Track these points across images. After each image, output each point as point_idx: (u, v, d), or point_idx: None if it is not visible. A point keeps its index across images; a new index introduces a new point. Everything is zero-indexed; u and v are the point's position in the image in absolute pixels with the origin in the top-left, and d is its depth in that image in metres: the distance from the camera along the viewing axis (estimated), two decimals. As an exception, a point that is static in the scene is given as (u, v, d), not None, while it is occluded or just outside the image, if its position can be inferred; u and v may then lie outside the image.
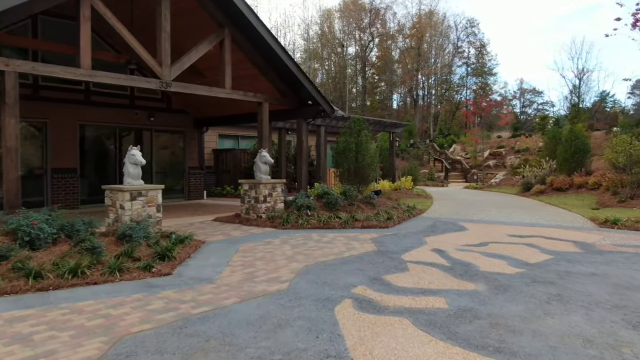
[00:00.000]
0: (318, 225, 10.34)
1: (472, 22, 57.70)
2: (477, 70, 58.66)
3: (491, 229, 10.58)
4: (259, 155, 11.31)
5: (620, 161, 15.88)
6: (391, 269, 6.65)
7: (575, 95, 40.94)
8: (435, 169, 33.33)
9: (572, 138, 20.21)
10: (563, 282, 6.05)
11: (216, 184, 19.97)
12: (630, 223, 11.17)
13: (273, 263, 6.96)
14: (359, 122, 13.33)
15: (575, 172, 19.79)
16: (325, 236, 9.37)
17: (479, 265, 7.01)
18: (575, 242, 9.10)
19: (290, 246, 8.30)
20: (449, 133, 43.11)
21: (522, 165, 26.48)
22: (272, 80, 13.46)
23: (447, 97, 59.44)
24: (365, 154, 13.06)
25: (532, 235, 9.76)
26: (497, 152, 33.53)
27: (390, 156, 21.42)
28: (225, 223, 11.02)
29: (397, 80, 59.75)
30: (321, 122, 17.60)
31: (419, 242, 8.84)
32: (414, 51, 56.06)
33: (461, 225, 11.05)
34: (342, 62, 60.21)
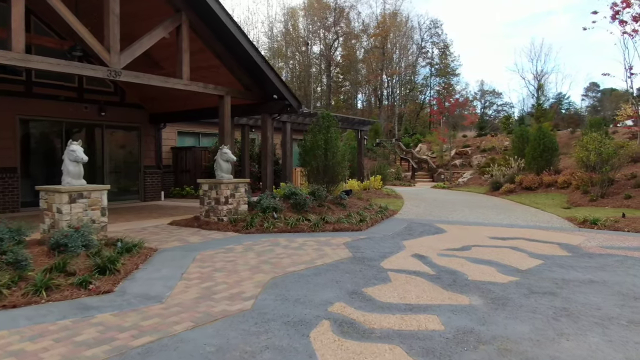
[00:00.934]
0: (285, 229, 9.45)
1: (435, 22, 58.00)
2: (440, 70, 59.06)
3: (470, 231, 9.94)
4: (220, 152, 10.33)
5: (592, 159, 15.64)
6: (371, 280, 5.83)
7: (542, 93, 41.51)
8: (401, 168, 32.91)
9: (541, 136, 20.01)
10: (564, 293, 5.38)
11: (175, 184, 18.75)
12: (609, 223, 10.77)
13: (235, 275, 6.03)
14: (327, 118, 12.51)
15: (544, 171, 19.59)
16: (294, 241, 8.49)
17: (467, 273, 6.29)
18: (559, 244, 8.54)
19: (255, 253, 7.38)
20: (414, 132, 42.91)
21: (489, 164, 26.31)
22: (234, 72, 12.47)
23: (412, 97, 59.58)
24: (335, 151, 12.24)
25: (514, 237, 9.16)
26: (463, 152, 33.41)
27: (358, 155, 20.71)
28: (183, 227, 9.98)
29: (361, 80, 59.49)
30: (287, 119, 16.69)
31: (397, 247, 8.07)
32: (378, 51, 55.83)
33: (438, 227, 10.37)
34: (306, 61, 59.40)
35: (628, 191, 15.41)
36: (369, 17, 63.02)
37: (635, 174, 16.54)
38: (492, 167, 22.88)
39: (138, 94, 15.82)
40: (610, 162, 15.69)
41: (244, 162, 17.22)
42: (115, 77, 9.53)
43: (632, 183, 15.95)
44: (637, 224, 10.61)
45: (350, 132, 29.26)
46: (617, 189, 15.95)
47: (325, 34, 59.46)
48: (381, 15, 57.10)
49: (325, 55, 59.26)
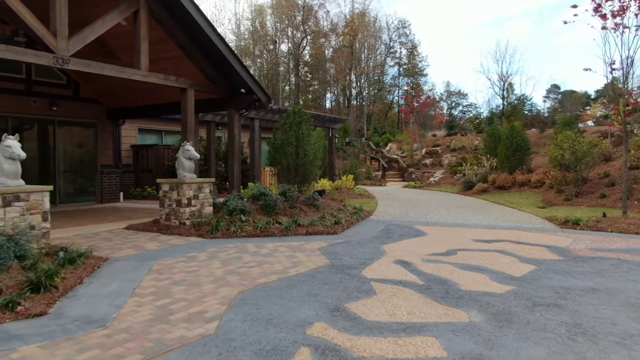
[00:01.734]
0: (254, 233, 8.64)
1: (403, 23, 58.01)
2: (409, 70, 59.17)
3: (452, 233, 9.37)
4: (182, 149, 9.44)
5: (567, 158, 15.42)
6: (354, 293, 5.11)
7: (512, 92, 41.87)
8: (372, 167, 32.45)
9: (513, 135, 19.79)
10: (569, 304, 4.80)
11: (136, 185, 17.62)
12: (591, 223, 10.40)
13: (197, 289, 5.20)
14: (299, 114, 11.75)
15: (517, 170, 19.38)
16: (264, 247, 7.70)
17: (459, 282, 5.65)
18: (548, 246, 8.04)
19: (220, 262, 6.56)
20: (384, 132, 42.60)
21: (461, 163, 26.09)
22: (199, 63, 11.57)
23: (380, 97, 59.48)
24: (307, 149, 11.50)
25: (499, 240, 8.63)
26: (433, 151, 33.21)
27: (329, 153, 20.03)
28: (140, 232, 9.04)
29: (330, 80, 58.99)
30: (255, 115, 15.87)
31: (378, 252, 7.39)
32: (346, 50, 55.44)
33: (418, 229, 9.76)
34: (274, 60, 58.47)
35: (602, 190, 15.26)
36: (337, 16, 62.79)
37: (607, 172, 16.42)
38: (464, 166, 22.62)
39: (93, 87, 14.68)
40: (584, 160, 15.51)
41: (210, 161, 16.29)
42: (62, 65, 8.52)
43: (606, 182, 15.81)
44: (619, 224, 10.28)
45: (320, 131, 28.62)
46: (590, 188, 15.79)
47: (293, 32, 58.73)
48: (350, 14, 56.76)
49: (294, 53, 58.56)
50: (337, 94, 61.78)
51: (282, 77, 58.54)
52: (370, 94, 58.38)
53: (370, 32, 57.46)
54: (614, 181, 15.49)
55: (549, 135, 26.02)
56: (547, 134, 26.51)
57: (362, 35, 55.95)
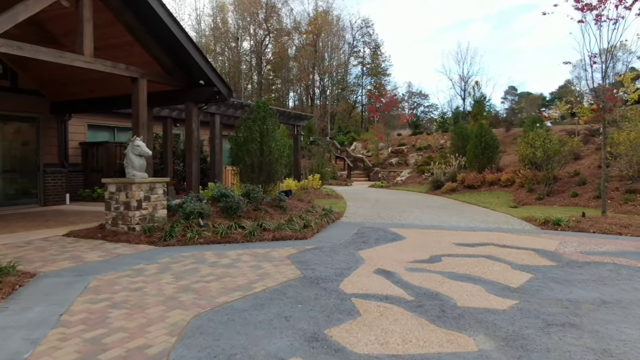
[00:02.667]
0: (214, 239, 7.65)
1: (367, 22, 57.76)
2: (372, 70, 59.01)
3: (431, 237, 8.65)
4: (131, 145, 8.34)
5: (539, 156, 15.06)
6: (334, 314, 4.25)
7: (479, 90, 42.07)
8: (337, 167, 31.75)
9: (482, 133, 19.43)
10: (586, 323, 4.10)
11: (85, 186, 16.20)
12: (572, 224, 9.93)
13: (141, 313, 4.22)
14: (264, 107, 10.81)
15: (486, 169, 19.02)
16: (225, 256, 6.74)
17: (452, 296, 4.88)
18: (535, 250, 7.43)
19: (172, 276, 5.56)
20: (349, 131, 42.01)
21: (428, 162, 25.70)
22: (152, 51, 10.47)
23: (344, 97, 59.04)
24: (272, 145, 10.57)
25: (482, 243, 7.96)
26: (399, 150, 32.80)
27: (295, 152, 19.12)
28: (82, 239, 7.90)
29: (293, 78, 58.09)
30: (216, 110, 14.81)
31: (355, 260, 6.56)
32: (310, 49, 54.68)
33: (394, 233, 9.00)
34: (236, 57, 57.09)
35: (573, 189, 15.00)
36: (300, 14, 61.91)
37: (577, 171, 16.21)
38: (431, 165, 22.17)
39: (33, 76, 13.28)
40: (555, 158, 15.21)
41: (167, 160, 15.12)
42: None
43: (576, 180, 15.57)
44: (600, 224, 9.85)
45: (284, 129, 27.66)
46: (561, 187, 15.52)
47: (256, 30, 57.54)
48: (313, 12, 56.02)
49: (256, 51, 57.38)
50: (300, 93, 60.98)
51: (245, 76, 57.25)
52: (333, 94, 57.85)
53: (333, 31, 56.96)
54: (584, 180, 15.26)
55: (514, 134, 25.98)
56: (513, 132, 26.47)
57: (325, 34, 55.39)
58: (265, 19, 56.75)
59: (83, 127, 16.66)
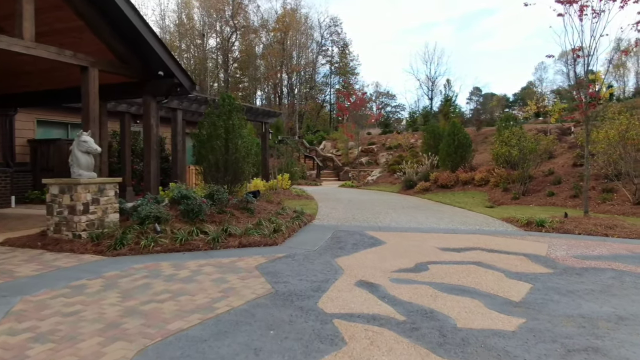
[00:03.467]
0: (172, 247, 6.77)
1: (335, 21, 57.31)
2: (340, 69, 58.59)
3: (412, 240, 7.98)
4: (77, 141, 7.36)
5: (515, 155, 14.68)
6: (313, 343, 3.48)
7: (450, 89, 42.11)
8: (306, 166, 30.99)
9: (455, 132, 19.01)
10: (610, 347, 3.48)
11: (34, 187, 14.90)
12: (556, 225, 9.47)
13: (70, 348, 3.33)
14: (229, 101, 9.94)
15: (460, 168, 18.60)
16: (184, 267, 5.87)
17: (450, 314, 4.19)
18: (526, 255, 6.86)
19: (119, 294, 4.68)
20: (318, 130, 41.32)
21: (399, 162, 25.25)
22: (105, 37, 9.45)
23: (312, 95, 58.38)
24: (238, 142, 9.71)
25: (468, 248, 7.35)
26: (369, 149, 32.29)
27: (263, 150, 18.23)
28: (19, 248, 6.88)
29: (260, 77, 57.03)
30: (178, 105, 13.81)
31: (332, 270, 5.80)
32: (278, 47, 53.78)
33: (372, 237, 8.29)
34: (202, 55, 55.58)
35: (548, 188, 14.69)
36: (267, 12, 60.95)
37: (552, 170, 15.94)
38: (403, 164, 21.66)
39: (-27, 67, 12.01)
40: (530, 157, 14.87)
41: (125, 159, 14.04)
42: None
43: (551, 179, 15.28)
44: (584, 225, 9.42)
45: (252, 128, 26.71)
46: (536, 186, 15.20)
47: (222, 27, 56.26)
48: (282, 9, 55.13)
49: (223, 48, 56.10)
50: (268, 91, 60.03)
51: (211, 73, 55.83)
52: (302, 93, 57.13)
53: (301, 30, 56.24)
54: (559, 179, 14.97)
55: (485, 133, 25.83)
56: (484, 132, 26.31)
57: (293, 32, 54.60)
58: (232, 16, 55.55)
59: (32, 123, 15.35)
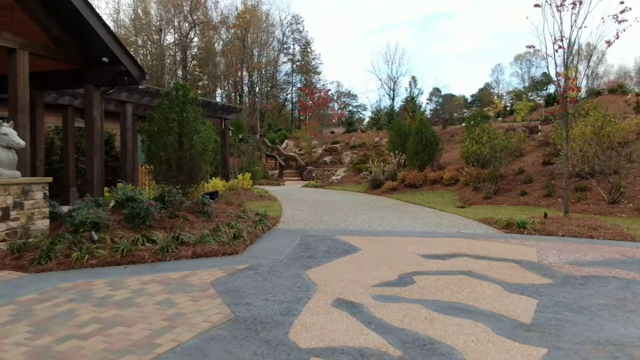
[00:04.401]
0: (112, 260, 5.69)
1: (297, 18, 56.46)
2: (302, 67, 57.79)
3: (389, 246, 7.17)
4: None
5: (486, 153, 14.18)
6: (287, 398, 2.57)
7: (415, 86, 41.88)
8: (268, 166, 29.94)
9: (422, 130, 18.44)
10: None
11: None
12: (538, 226, 8.89)
13: None
14: (183, 89, 8.87)
15: (428, 167, 18.04)
16: (123, 285, 4.83)
17: (454, 344, 3.37)
18: (517, 262, 6.17)
19: (30, 327, 3.62)
20: (280, 128, 40.26)
21: (364, 161, 24.60)
22: (39, 17, 8.22)
23: (274, 94, 57.30)
24: (193, 137, 8.65)
25: (453, 254, 6.59)
26: (333, 148, 31.54)
27: (223, 148, 17.09)
28: None
29: (220, 75, 55.47)
30: (127, 98, 12.55)
31: (304, 286, 4.90)
32: (239, 43, 52.40)
33: (345, 242, 7.43)
34: (159, 51, 53.48)
35: (519, 187, 14.27)
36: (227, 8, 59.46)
37: (522, 168, 15.56)
38: (369, 163, 20.95)
39: None
40: (502, 155, 14.41)
41: (68, 157, 12.67)
42: None
43: (522, 178, 14.88)
44: (567, 226, 8.89)
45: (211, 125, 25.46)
46: (507, 185, 14.77)
47: (180, 22, 54.39)
48: (242, 4, 53.75)
49: (181, 44, 54.23)
50: (228, 89, 58.50)
51: (168, 70, 53.79)
52: (263, 91, 55.94)
53: (262, 27, 55.08)
54: (531, 177, 14.58)
55: (451, 132, 25.51)
56: (449, 130, 26.00)
57: (254, 29, 53.36)
58: (190, 11, 53.78)
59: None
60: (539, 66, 58.82)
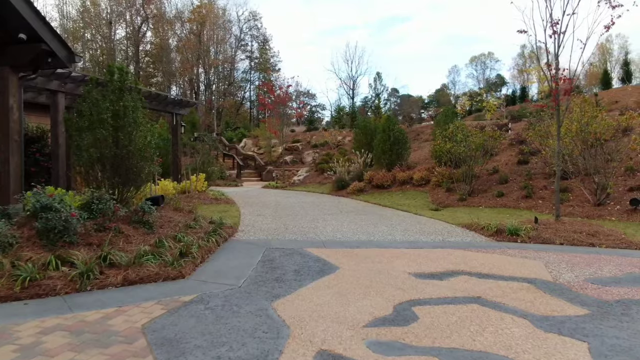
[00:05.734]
0: (8, 293, 4.19)
1: (254, 14, 54.84)
2: (260, 65, 56.22)
3: (372, 262, 5.93)
4: None
5: (462, 151, 13.22)
6: None
7: (380, 83, 41.04)
8: (225, 165, 28.28)
9: (390, 127, 17.39)
10: None
11: None
12: (532, 233, 7.90)
13: None
14: (120, 73, 7.35)
15: (396, 166, 17.01)
16: (11, 337, 3.36)
17: None
18: (529, 281, 5.08)
19: None
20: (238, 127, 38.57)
21: (327, 160, 23.42)
22: None
23: (231, 92, 55.42)
24: (132, 131, 7.15)
25: (450, 272, 5.44)
26: (294, 147, 30.18)
27: (174, 146, 15.44)
28: None
29: (175, 71, 53.10)
30: (59, 87, 10.80)
31: (272, 329, 3.58)
32: (194, 39, 50.28)
33: (318, 257, 6.14)
34: (110, 45, 50.59)
35: (495, 188, 13.40)
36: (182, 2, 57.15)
37: (496, 168, 14.73)
38: (334, 163, 19.74)
39: None
40: (477, 154, 13.50)
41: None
42: None
43: (497, 178, 14.03)
44: (562, 232, 7.97)
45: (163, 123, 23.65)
46: (482, 186, 13.88)
47: (132, 16, 51.73)
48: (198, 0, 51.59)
49: (133, 39, 51.56)
50: (184, 87, 56.13)
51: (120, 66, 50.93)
52: (220, 89, 53.98)
53: (219, 24, 53.14)
54: (506, 177, 13.74)
55: (417, 130, 24.69)
56: (415, 129, 25.17)
57: (210, 26, 51.38)
58: (143, 4, 51.20)
59: None
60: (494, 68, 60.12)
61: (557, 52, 8.63)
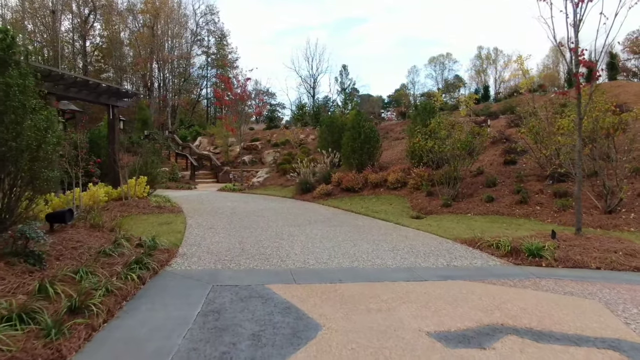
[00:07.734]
0: None
1: (211, 9, 52.29)
2: (217, 61, 53.65)
3: (370, 314, 4.05)
4: None
5: (447, 150, 11.57)
6: None
7: (347, 77, 39.39)
8: (178, 166, 25.85)
9: (360, 124, 15.63)
10: None
11: None
12: (559, 254, 6.20)
13: None
14: (4, 36, 5.17)
15: (367, 167, 15.25)
16: None
17: None
18: (611, 345, 3.37)
19: None
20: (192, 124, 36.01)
21: (289, 160, 21.47)
22: None
23: (187, 89, 52.58)
24: (18, 118, 4.98)
25: (491, 331, 3.63)
26: (253, 146, 28.02)
27: (111, 144, 13.13)
28: None
29: (127, 66, 49.77)
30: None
31: None
32: (148, 31, 47.23)
33: (287, 305, 4.19)
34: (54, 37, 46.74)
35: (482, 191, 11.83)
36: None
37: (481, 168, 13.19)
38: (298, 163, 17.79)
39: None
40: (463, 153, 11.88)
41: None
42: None
43: (483, 180, 12.47)
44: (592, 252, 6.36)
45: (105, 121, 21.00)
46: (467, 189, 12.28)
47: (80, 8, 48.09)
48: (151, -8, 48.47)
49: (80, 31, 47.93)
50: (136, 83, 52.81)
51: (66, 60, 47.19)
52: (175, 86, 51.03)
53: (174, 18, 50.26)
54: (494, 180, 12.17)
55: (385, 128, 23.07)
56: (383, 126, 23.55)
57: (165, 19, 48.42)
58: (90, -6, 47.69)
59: None
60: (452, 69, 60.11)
61: (578, 26, 7.01)
